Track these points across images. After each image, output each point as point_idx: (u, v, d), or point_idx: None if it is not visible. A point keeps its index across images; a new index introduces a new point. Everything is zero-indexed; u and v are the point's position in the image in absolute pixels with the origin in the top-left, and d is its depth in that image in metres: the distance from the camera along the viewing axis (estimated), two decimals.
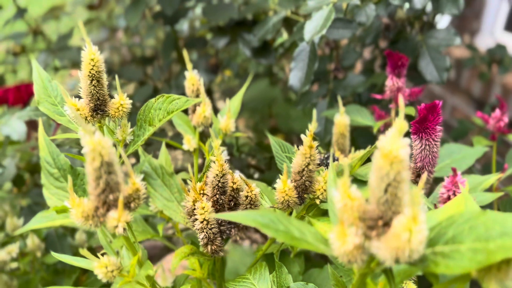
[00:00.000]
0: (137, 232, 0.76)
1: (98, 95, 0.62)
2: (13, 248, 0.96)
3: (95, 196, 0.47)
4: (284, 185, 0.58)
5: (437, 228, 0.42)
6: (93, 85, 0.61)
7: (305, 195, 0.60)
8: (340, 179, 0.42)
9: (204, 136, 0.87)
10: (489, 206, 0.86)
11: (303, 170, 0.58)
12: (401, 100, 0.38)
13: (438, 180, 0.80)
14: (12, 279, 1.02)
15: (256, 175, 1.84)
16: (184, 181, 0.93)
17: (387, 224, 0.41)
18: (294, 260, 0.77)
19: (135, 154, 1.09)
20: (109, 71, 1.70)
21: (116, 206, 0.48)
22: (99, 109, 0.63)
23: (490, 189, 0.81)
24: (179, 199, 0.74)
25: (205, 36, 1.27)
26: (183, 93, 0.78)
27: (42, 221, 0.70)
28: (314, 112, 0.56)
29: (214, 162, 0.60)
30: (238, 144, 2.06)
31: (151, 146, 1.24)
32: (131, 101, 0.64)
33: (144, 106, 0.67)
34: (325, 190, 0.59)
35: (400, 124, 0.38)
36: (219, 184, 0.61)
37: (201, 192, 0.65)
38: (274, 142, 0.98)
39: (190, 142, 0.81)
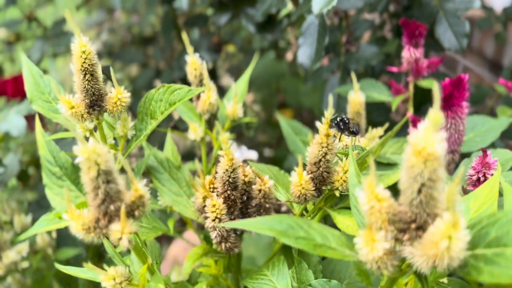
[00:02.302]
0: (147, 229, 0.72)
1: (93, 89, 0.57)
2: (23, 247, 0.93)
3: (95, 207, 0.43)
4: (300, 178, 0.54)
5: (477, 226, 0.37)
6: (87, 79, 0.56)
7: (323, 187, 0.56)
8: (365, 177, 0.37)
9: (212, 121, 0.82)
10: None
11: (320, 160, 0.53)
12: (435, 89, 0.32)
13: (462, 155, 0.75)
14: (26, 277, 1.00)
15: (267, 152, 1.80)
16: (194, 172, 0.89)
17: (421, 228, 0.36)
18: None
19: (139, 146, 1.04)
20: (109, 54, 1.65)
21: (119, 217, 0.44)
22: (95, 104, 0.58)
23: None
24: (188, 193, 0.70)
25: (205, 12, 1.20)
26: (186, 75, 0.73)
27: (46, 224, 0.67)
28: (330, 98, 0.51)
29: (223, 156, 0.55)
30: (247, 123, 2.01)
31: (153, 133, 1.20)
32: (129, 94, 0.59)
33: (144, 97, 0.62)
34: (344, 181, 0.54)
35: (434, 116, 0.32)
36: (230, 179, 0.56)
37: (211, 187, 0.61)
38: (285, 123, 0.93)
39: (196, 130, 0.76)
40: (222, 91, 1.35)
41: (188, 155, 1.35)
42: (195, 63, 0.72)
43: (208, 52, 1.06)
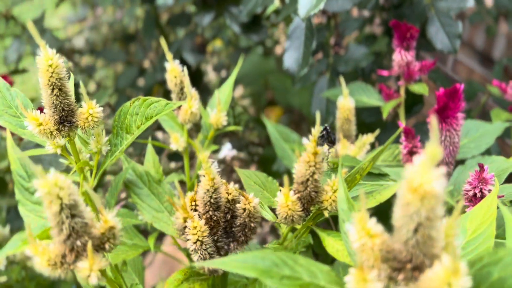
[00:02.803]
0: (127, 247, 0.68)
1: (62, 105, 0.53)
2: (0, 260, 0.89)
3: (60, 243, 0.39)
4: (286, 199, 0.50)
5: (478, 264, 0.34)
6: (55, 94, 0.52)
7: (311, 207, 0.52)
8: (355, 212, 0.34)
9: (195, 130, 0.78)
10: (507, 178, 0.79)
11: (308, 180, 0.50)
12: (433, 121, 0.29)
13: (456, 162, 0.72)
14: None
15: (256, 150, 1.76)
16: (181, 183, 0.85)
17: (417, 268, 0.33)
18: None
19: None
20: (91, 51, 1.59)
21: (87, 251, 0.40)
22: (65, 120, 0.54)
23: None
24: (170, 208, 0.66)
25: (188, 11, 1.16)
26: None
27: (19, 245, 0.63)
28: (318, 114, 0.47)
29: (203, 176, 0.51)
30: (235, 117, 1.97)
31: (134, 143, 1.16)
32: (101, 108, 0.55)
33: (119, 110, 0.58)
34: (334, 201, 0.51)
35: (432, 151, 0.29)
36: (211, 200, 0.53)
37: (193, 204, 0.57)
38: (272, 129, 0.89)
39: (178, 140, 0.73)
40: (208, 91, 1.31)
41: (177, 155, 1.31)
42: (175, 71, 0.68)
43: (192, 53, 1.02)
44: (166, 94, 1.36)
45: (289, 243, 0.59)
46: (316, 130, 0.47)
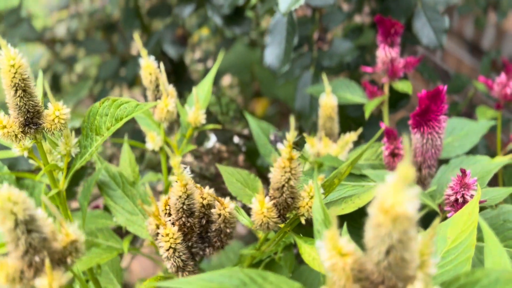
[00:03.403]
0: (101, 250, 0.66)
1: (27, 107, 0.50)
2: None
3: (18, 259, 0.37)
4: (262, 206, 0.48)
5: (454, 285, 0.32)
6: (19, 96, 0.49)
7: (288, 214, 0.50)
8: (326, 231, 0.32)
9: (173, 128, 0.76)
10: (493, 177, 0.77)
11: (283, 186, 0.48)
12: (405, 141, 0.27)
13: (440, 161, 0.70)
14: None
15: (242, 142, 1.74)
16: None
17: None
18: (281, 266, 0.69)
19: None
20: (73, 41, 1.55)
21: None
22: (31, 123, 0.51)
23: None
24: (144, 211, 0.64)
25: (169, 2, 1.12)
26: None
27: None
28: (292, 119, 0.45)
29: (175, 182, 0.49)
30: (222, 107, 1.94)
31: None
32: (69, 109, 0.52)
33: (88, 111, 0.56)
34: (311, 207, 0.49)
35: (404, 171, 0.27)
36: (184, 207, 0.50)
37: (167, 208, 0.55)
38: (254, 125, 0.87)
39: (154, 139, 0.70)
40: (193, 83, 1.28)
41: None
42: (150, 67, 0.65)
43: (173, 45, 0.99)
44: None
45: (267, 248, 0.57)
46: (291, 135, 0.45)
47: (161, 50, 1.03)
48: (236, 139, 1.59)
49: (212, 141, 1.72)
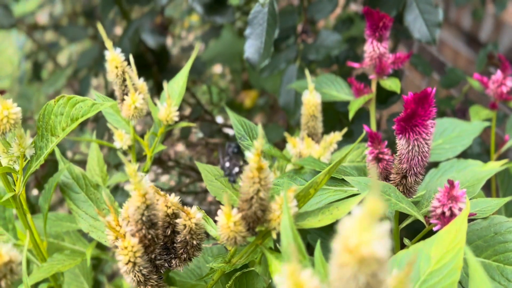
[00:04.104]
0: (64, 256, 0.62)
1: None
2: None
3: None
4: (228, 219, 0.44)
5: None
6: None
7: (258, 227, 0.46)
8: (286, 264, 0.28)
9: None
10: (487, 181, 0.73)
11: (252, 198, 0.43)
12: (372, 170, 0.22)
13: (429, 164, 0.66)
14: None
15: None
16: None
17: None
18: (257, 274, 0.65)
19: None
20: (55, 27, 1.49)
21: None
22: None
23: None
24: None
25: None
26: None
27: None
28: (259, 128, 0.40)
29: (133, 191, 0.45)
30: (212, 98, 1.89)
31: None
32: (19, 108, 0.47)
33: (42, 109, 0.51)
34: None
35: (372, 205, 0.22)
36: (143, 218, 0.46)
37: (127, 218, 0.50)
38: (236, 121, 0.82)
39: (122, 138, 0.65)
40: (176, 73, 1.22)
41: None
42: (115, 60, 0.60)
43: (151, 34, 0.93)
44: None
45: (238, 260, 0.53)
46: (259, 143, 0.41)
47: (140, 39, 0.97)
48: (227, 129, 1.54)
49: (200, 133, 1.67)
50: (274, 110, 1.78)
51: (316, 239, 0.78)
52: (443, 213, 0.48)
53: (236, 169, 0.48)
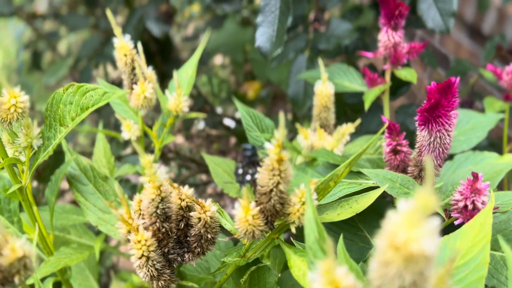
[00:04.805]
0: (71, 249, 0.60)
1: None
2: None
3: None
4: (246, 212, 0.42)
5: None
6: None
7: (276, 221, 0.44)
8: (321, 261, 0.26)
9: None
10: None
11: (271, 191, 0.42)
12: (429, 163, 0.21)
13: None
14: None
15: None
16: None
17: None
18: (269, 268, 0.63)
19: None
20: (55, 15, 1.46)
21: None
22: None
23: None
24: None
25: None
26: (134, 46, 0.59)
27: None
28: (281, 116, 0.39)
29: (148, 183, 0.43)
30: (213, 89, 1.86)
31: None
32: (27, 97, 0.46)
33: (51, 98, 0.49)
34: (302, 214, 0.43)
35: (424, 200, 0.21)
36: (158, 211, 0.44)
37: (140, 209, 0.49)
38: (244, 112, 0.80)
39: (130, 128, 0.64)
40: (180, 62, 1.20)
41: None
42: (124, 48, 0.58)
43: (156, 22, 0.91)
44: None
45: (252, 254, 0.51)
46: (281, 134, 0.39)
47: (144, 27, 0.95)
48: (228, 121, 1.52)
49: (202, 124, 1.65)
50: (275, 102, 1.76)
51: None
52: (466, 206, 0.47)
53: (248, 177, 0.46)
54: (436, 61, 1.14)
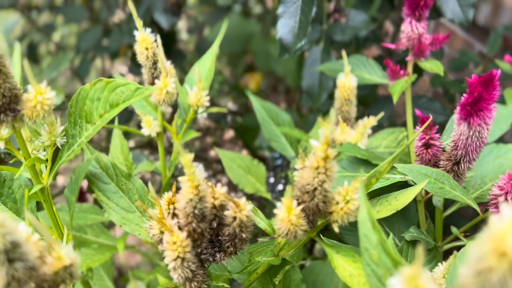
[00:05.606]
0: (92, 250, 0.58)
1: (1, 90, 0.41)
2: None
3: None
4: (289, 212, 0.41)
5: None
6: None
7: (318, 219, 0.43)
8: (406, 267, 0.25)
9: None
10: None
11: (315, 189, 0.40)
12: None
13: None
14: None
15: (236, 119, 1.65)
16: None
17: None
18: (295, 267, 0.62)
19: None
20: (50, 7, 1.42)
21: None
22: (7, 109, 0.42)
23: None
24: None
25: None
26: None
27: None
28: (332, 111, 0.37)
29: (184, 183, 0.41)
30: (214, 88, 1.84)
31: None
32: (53, 93, 0.43)
33: (76, 94, 0.47)
34: (346, 213, 0.42)
35: None
36: (196, 211, 0.43)
37: (170, 208, 0.47)
38: (259, 106, 0.79)
39: (150, 124, 0.62)
40: (181, 57, 1.18)
41: None
42: (146, 41, 0.56)
43: (165, 14, 0.88)
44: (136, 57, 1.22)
45: (285, 253, 0.50)
46: (330, 131, 0.38)
47: (151, 19, 0.92)
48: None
49: (199, 117, 1.61)
50: (276, 93, 1.74)
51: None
52: (506, 201, 0.46)
53: (280, 187, 0.45)
54: (440, 52, 1.14)
